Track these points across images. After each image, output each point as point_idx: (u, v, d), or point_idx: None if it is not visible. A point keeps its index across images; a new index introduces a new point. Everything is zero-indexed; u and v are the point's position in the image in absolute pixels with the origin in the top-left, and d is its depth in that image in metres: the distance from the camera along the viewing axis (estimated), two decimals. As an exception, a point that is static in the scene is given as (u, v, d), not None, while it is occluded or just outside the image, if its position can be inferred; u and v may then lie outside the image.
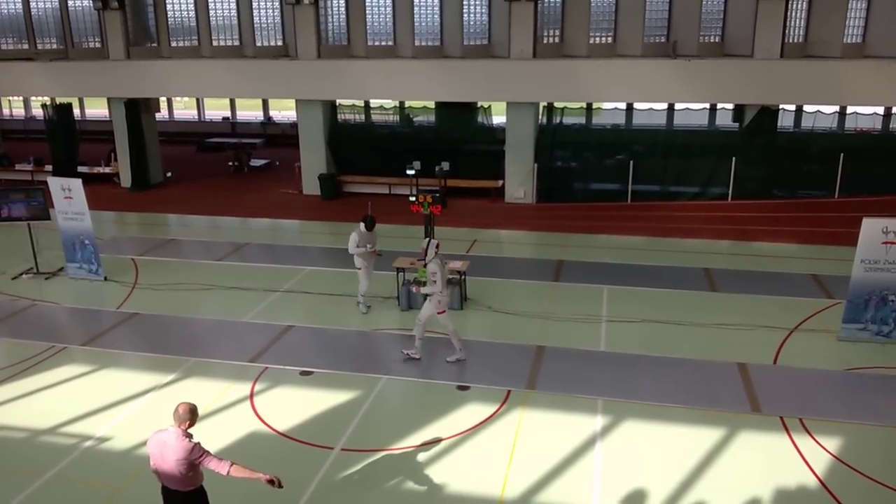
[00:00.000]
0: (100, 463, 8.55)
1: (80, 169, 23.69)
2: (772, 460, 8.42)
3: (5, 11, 24.46)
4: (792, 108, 20.29)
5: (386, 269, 13.99)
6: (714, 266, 15.08)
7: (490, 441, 8.87)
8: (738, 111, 20.78)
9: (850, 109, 20.89)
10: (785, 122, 19.99)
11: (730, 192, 19.57)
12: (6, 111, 38.02)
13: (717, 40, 20.43)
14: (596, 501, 7.74)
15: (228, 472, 6.07)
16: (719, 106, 21.01)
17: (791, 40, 19.47)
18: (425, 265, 10.59)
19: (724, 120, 21.62)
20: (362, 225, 12.48)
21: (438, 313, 10.65)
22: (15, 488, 8.03)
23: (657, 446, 8.73)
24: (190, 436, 6.11)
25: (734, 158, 19.28)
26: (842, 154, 18.97)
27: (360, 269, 12.68)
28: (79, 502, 7.85)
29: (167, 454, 6.05)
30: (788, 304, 12.97)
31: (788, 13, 18.71)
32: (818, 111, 20.02)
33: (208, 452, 6.12)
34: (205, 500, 6.38)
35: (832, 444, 8.69)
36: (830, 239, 16.59)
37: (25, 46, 24.52)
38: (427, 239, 10.88)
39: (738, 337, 11.66)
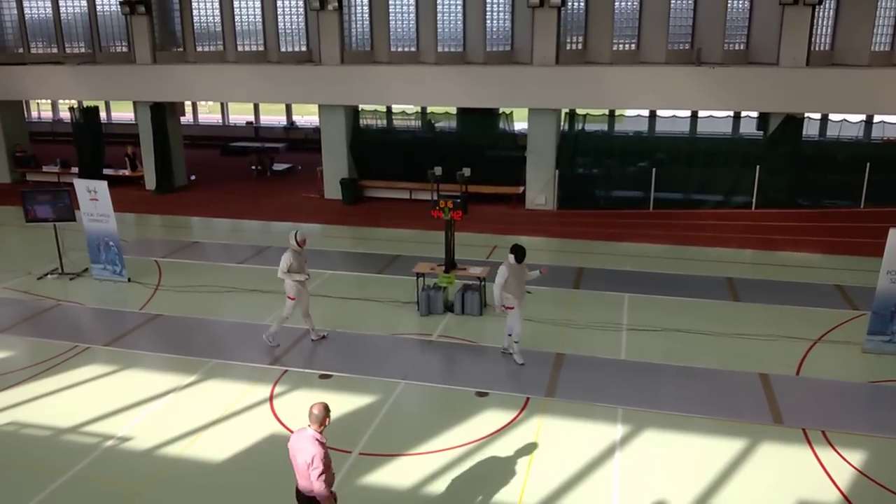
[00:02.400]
0: (121, 462, 8.63)
1: (106, 171, 24.02)
2: (794, 473, 8.31)
3: (35, 16, 24.88)
4: (817, 116, 20.07)
5: (405, 275, 14.05)
6: (737, 275, 14.95)
7: (508, 448, 8.83)
8: (763, 119, 20.61)
9: (877, 118, 20.64)
10: (810, 130, 19.77)
11: (753, 200, 19.39)
12: (34, 114, 38.65)
13: (741, 48, 20.27)
14: (614, 511, 7.70)
15: (322, 496, 6.10)
16: (743, 114, 20.82)
17: (817, 48, 19.28)
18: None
19: (749, 128, 21.42)
20: (512, 257, 10.70)
21: (290, 298, 11.32)
22: (37, 486, 8.12)
23: (677, 457, 8.65)
24: (320, 440, 6.13)
25: (758, 167, 19.11)
26: (868, 163, 18.74)
27: (511, 308, 10.70)
28: (99, 501, 7.92)
29: (297, 455, 6.11)
30: (812, 315, 12.82)
31: (815, 21, 18.53)
32: (844, 120, 19.80)
33: (325, 468, 6.09)
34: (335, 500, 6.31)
35: (856, 457, 8.56)
36: (856, 249, 16.38)
37: (54, 50, 24.93)
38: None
39: (761, 347, 11.54)
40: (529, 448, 8.82)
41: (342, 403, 9.91)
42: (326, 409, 6.23)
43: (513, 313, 10.73)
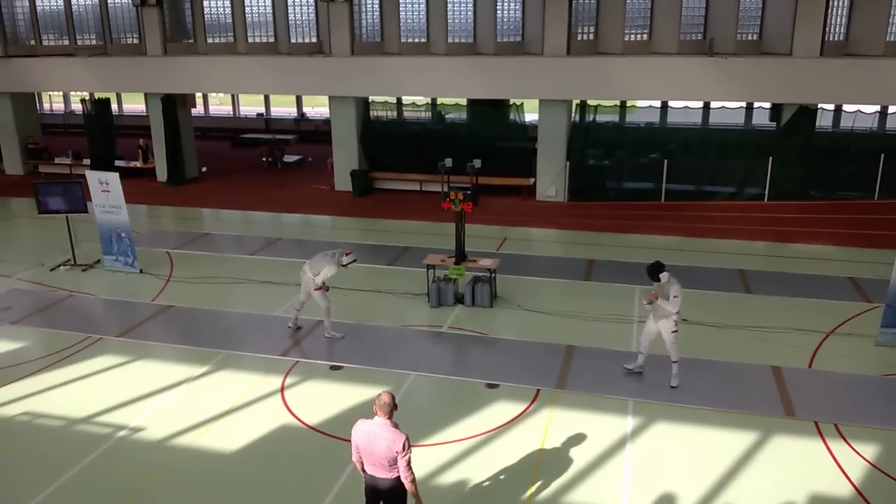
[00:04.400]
0: (133, 453, 8.68)
1: (118, 163, 24.12)
2: (806, 466, 8.27)
3: (47, 8, 25.01)
4: (831, 107, 19.89)
5: (416, 266, 14.05)
6: (749, 267, 14.86)
7: (519, 440, 8.83)
8: (776, 110, 20.44)
9: (891, 109, 20.45)
10: (823, 121, 19.61)
11: (766, 192, 19.27)
12: (46, 106, 38.81)
13: (754, 38, 20.10)
14: None
15: (409, 484, 6.21)
16: (756, 105, 20.68)
17: (831, 38, 19.09)
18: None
19: (761, 119, 21.29)
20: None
21: (316, 289, 11.30)
22: (51, 476, 8.18)
23: (688, 449, 8.63)
24: (396, 425, 6.19)
25: (771, 158, 18.98)
26: (882, 155, 18.57)
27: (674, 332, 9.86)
28: (112, 491, 7.97)
29: (375, 445, 6.12)
30: (825, 308, 12.73)
31: (829, 10, 18.33)
32: (858, 111, 19.61)
33: (410, 452, 6.21)
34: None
35: (869, 451, 8.51)
36: (869, 241, 16.26)
37: (66, 42, 25.06)
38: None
39: (773, 340, 11.48)
40: (539, 440, 8.82)
41: (353, 395, 9.93)
42: (393, 397, 6.27)
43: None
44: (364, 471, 6.37)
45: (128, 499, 7.80)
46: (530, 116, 21.83)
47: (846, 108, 20.00)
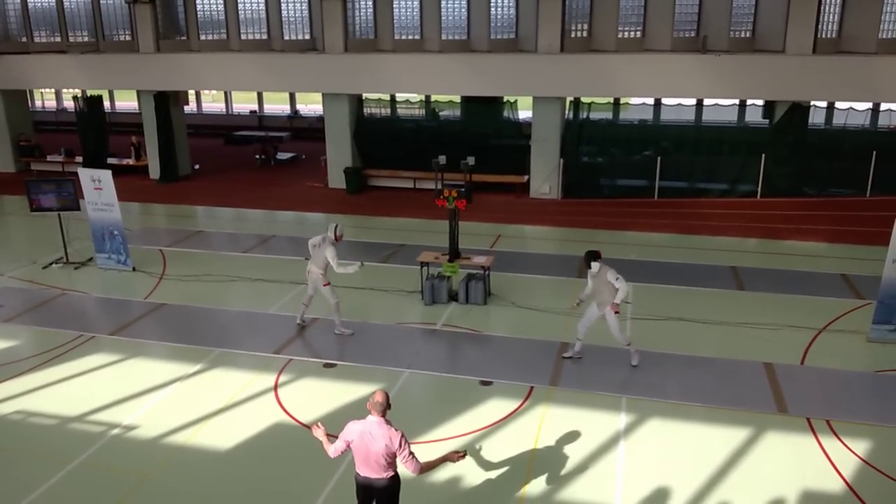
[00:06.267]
0: (127, 450, 8.67)
1: (110, 160, 24.04)
2: (798, 462, 8.31)
3: (39, 5, 24.87)
4: (823, 104, 19.96)
5: (410, 264, 14.05)
6: (742, 264, 14.91)
7: (512, 437, 8.85)
8: (769, 107, 20.52)
9: (883, 106, 20.52)
10: (816, 118, 19.69)
11: (759, 189, 19.33)
12: (38, 103, 38.64)
13: (747, 35, 20.14)
14: (619, 500, 7.70)
15: (419, 472, 6.25)
16: (749, 102, 20.73)
17: (824, 35, 19.15)
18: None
19: (754, 116, 21.35)
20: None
21: (325, 285, 11.36)
22: (44, 474, 8.16)
23: (681, 446, 8.66)
24: (390, 423, 6.17)
25: (764, 155, 19.04)
26: (874, 152, 18.64)
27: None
28: (106, 488, 7.96)
29: (372, 443, 6.11)
30: (817, 304, 12.79)
31: (821, 8, 18.39)
32: (850, 108, 19.68)
33: (409, 445, 6.21)
34: (399, 484, 6.41)
35: (860, 447, 8.55)
36: (861, 238, 16.32)
37: (58, 39, 24.92)
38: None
39: (765, 336, 11.52)
40: (533, 437, 8.84)
41: (346, 392, 9.93)
42: (387, 395, 6.26)
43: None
44: (357, 472, 6.35)
45: (122, 496, 7.79)
46: (524, 113, 21.85)
47: (838, 105, 20.06)
